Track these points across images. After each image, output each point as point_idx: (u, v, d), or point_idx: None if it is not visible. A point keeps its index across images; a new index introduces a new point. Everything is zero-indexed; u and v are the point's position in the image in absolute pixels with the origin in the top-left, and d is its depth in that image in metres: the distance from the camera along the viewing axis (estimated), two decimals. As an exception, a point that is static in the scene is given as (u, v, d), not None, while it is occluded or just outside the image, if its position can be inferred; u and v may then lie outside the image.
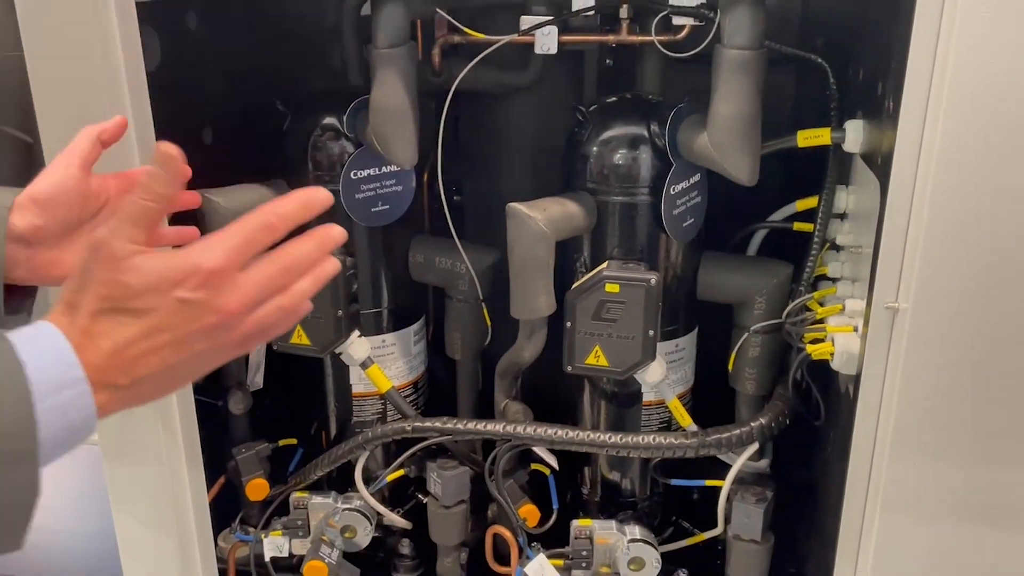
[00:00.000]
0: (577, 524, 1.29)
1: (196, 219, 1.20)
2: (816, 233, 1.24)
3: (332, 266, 0.67)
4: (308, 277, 0.66)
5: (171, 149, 0.62)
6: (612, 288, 1.15)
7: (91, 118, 0.98)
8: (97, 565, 1.78)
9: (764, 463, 1.32)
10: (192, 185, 1.19)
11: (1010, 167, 0.90)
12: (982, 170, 0.91)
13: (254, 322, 0.63)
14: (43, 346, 0.57)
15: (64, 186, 0.86)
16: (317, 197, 0.65)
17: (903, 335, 0.99)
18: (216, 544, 1.35)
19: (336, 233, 0.67)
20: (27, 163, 1.47)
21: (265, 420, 1.44)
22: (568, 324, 1.18)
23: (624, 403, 1.33)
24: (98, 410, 0.59)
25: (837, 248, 1.26)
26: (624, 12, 1.24)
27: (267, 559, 1.36)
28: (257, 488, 1.36)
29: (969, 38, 0.87)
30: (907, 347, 0.99)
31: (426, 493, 1.38)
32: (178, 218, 1.11)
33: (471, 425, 1.26)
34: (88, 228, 0.90)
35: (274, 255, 0.64)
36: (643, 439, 1.22)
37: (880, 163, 1.03)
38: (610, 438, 1.22)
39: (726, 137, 1.08)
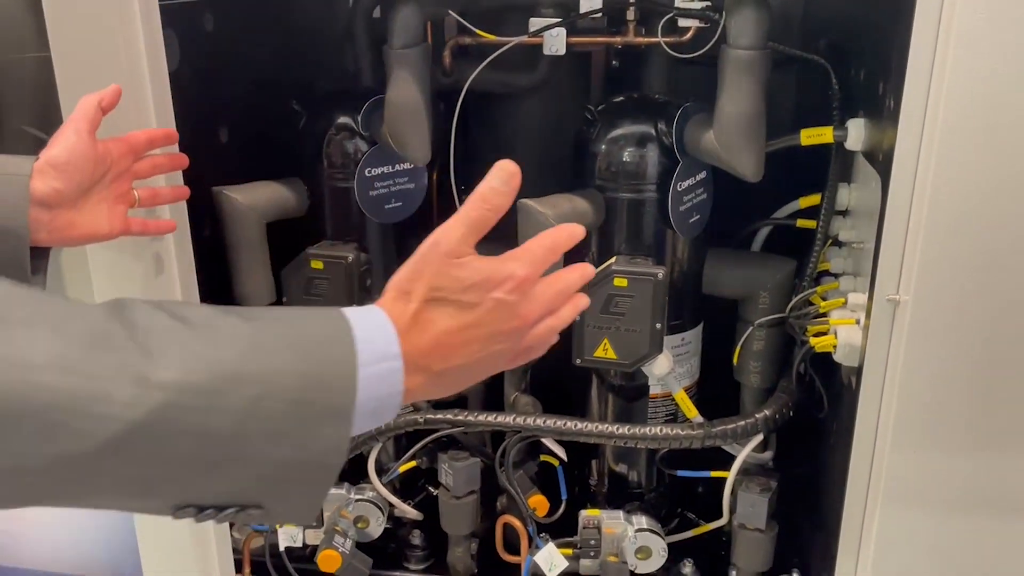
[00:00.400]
0: (585, 514, 1.32)
1: (214, 214, 1.24)
2: (819, 229, 1.27)
3: (584, 300, 0.75)
4: (569, 305, 0.73)
5: (512, 167, 0.68)
6: (620, 282, 1.18)
7: (116, 116, 1.01)
8: (116, 558, 1.82)
9: (768, 455, 1.35)
10: (209, 182, 1.23)
11: (1008, 164, 0.93)
12: (981, 167, 0.94)
13: (534, 336, 0.70)
14: (371, 322, 0.62)
15: (77, 151, 0.91)
16: (575, 232, 0.73)
17: (904, 327, 1.01)
18: (231, 535, 1.38)
19: (590, 272, 0.75)
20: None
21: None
22: (577, 318, 1.20)
23: (631, 396, 1.36)
24: (406, 392, 0.63)
25: (839, 244, 1.29)
26: (631, 14, 1.27)
27: (281, 549, 1.39)
28: (271, 480, 1.39)
29: (967, 38, 0.90)
30: (908, 339, 1.02)
31: (436, 485, 1.41)
32: (195, 216, 1.15)
33: (482, 417, 1.29)
34: (98, 190, 0.95)
35: (551, 279, 0.70)
36: (650, 430, 1.25)
37: (881, 160, 1.06)
38: (618, 429, 1.25)
39: (732, 135, 1.11)
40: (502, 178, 0.67)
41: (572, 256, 1.23)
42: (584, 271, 0.74)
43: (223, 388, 0.54)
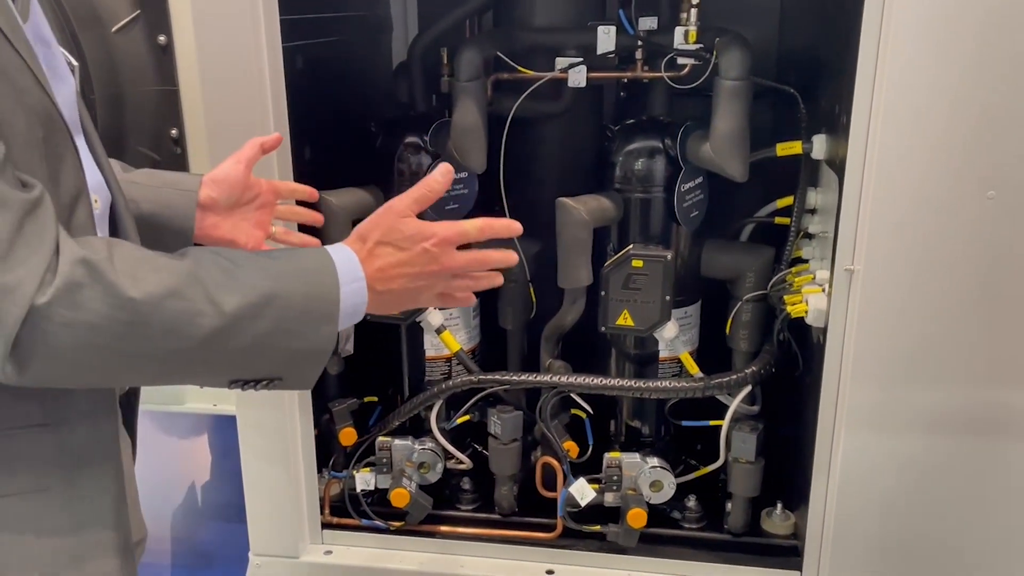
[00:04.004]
0: (609, 456, 1.62)
1: (318, 209, 1.53)
2: (792, 224, 1.59)
3: (499, 279, 1.01)
4: (486, 278, 0.99)
5: (449, 167, 0.96)
6: (637, 263, 1.49)
7: (253, 132, 1.32)
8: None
9: (755, 408, 1.65)
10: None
11: (929, 165, 1.26)
12: (910, 167, 1.26)
13: (451, 287, 0.96)
14: (343, 255, 0.90)
15: (232, 174, 1.18)
16: (511, 226, 0.99)
17: (858, 290, 1.33)
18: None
19: (513, 258, 0.98)
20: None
21: (353, 380, 1.76)
22: (603, 293, 1.52)
23: (644, 361, 1.67)
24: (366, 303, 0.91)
25: (809, 236, 1.62)
26: (639, 54, 1.58)
27: (359, 490, 1.67)
28: (347, 435, 1.69)
29: (898, 72, 1.23)
30: (861, 299, 1.34)
31: (483, 443, 1.70)
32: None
33: (524, 377, 1.59)
34: (241, 211, 1.20)
35: (478, 251, 0.97)
36: (661, 383, 1.56)
37: (838, 165, 1.39)
38: (635, 383, 1.56)
39: (724, 146, 1.43)
40: (442, 171, 0.95)
41: (596, 244, 1.55)
42: (507, 255, 0.97)
43: (261, 304, 0.81)
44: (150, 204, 1.05)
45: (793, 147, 1.55)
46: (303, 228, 1.37)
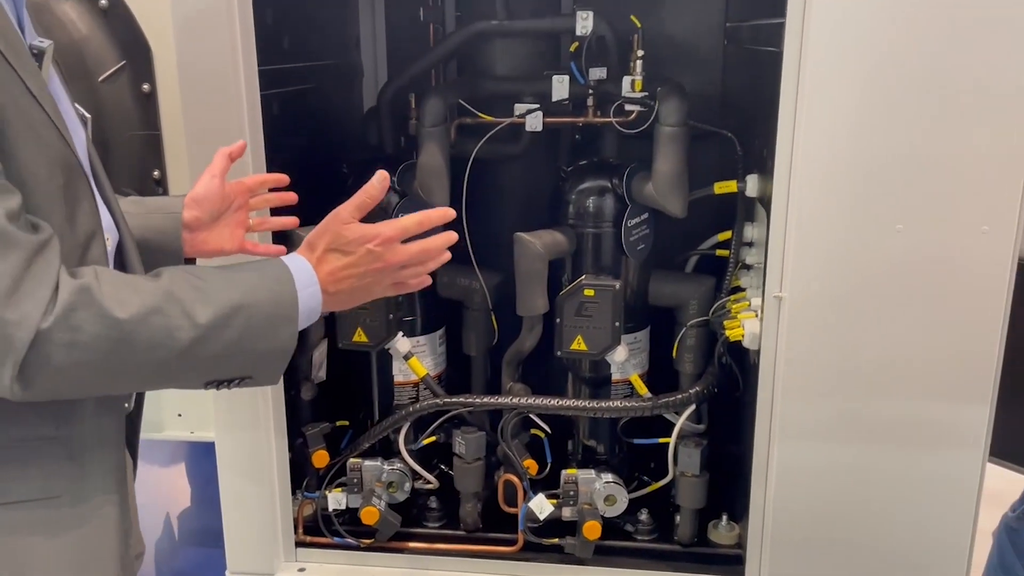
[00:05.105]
0: (566, 473, 1.73)
1: (287, 244, 1.64)
2: (731, 256, 1.74)
3: (447, 256, 1.11)
4: (433, 261, 1.10)
5: (385, 175, 1.07)
6: (589, 292, 1.63)
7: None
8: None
9: (702, 426, 1.78)
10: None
11: (844, 202, 1.41)
12: (827, 204, 1.41)
13: (402, 275, 1.08)
14: (298, 264, 1.02)
15: (211, 189, 1.28)
16: (446, 214, 1.11)
17: (786, 315, 1.47)
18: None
19: (452, 238, 1.09)
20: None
21: (326, 406, 1.87)
22: (558, 320, 1.65)
23: (598, 383, 1.79)
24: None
25: (747, 267, 1.76)
26: (590, 101, 1.73)
27: (331, 510, 1.77)
28: (320, 457, 1.78)
29: (814, 119, 1.38)
30: (788, 323, 1.48)
31: (449, 464, 1.81)
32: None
33: (487, 399, 1.71)
34: (223, 219, 1.30)
35: (420, 242, 1.08)
36: (613, 403, 1.69)
37: (767, 203, 1.53)
38: (590, 403, 1.68)
39: (664, 185, 1.58)
40: (378, 178, 1.07)
41: (552, 275, 1.68)
42: (446, 237, 1.09)
43: (230, 314, 0.92)
44: (141, 230, 1.15)
45: (729, 186, 1.70)
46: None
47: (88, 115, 1.00)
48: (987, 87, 1.34)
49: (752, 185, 1.66)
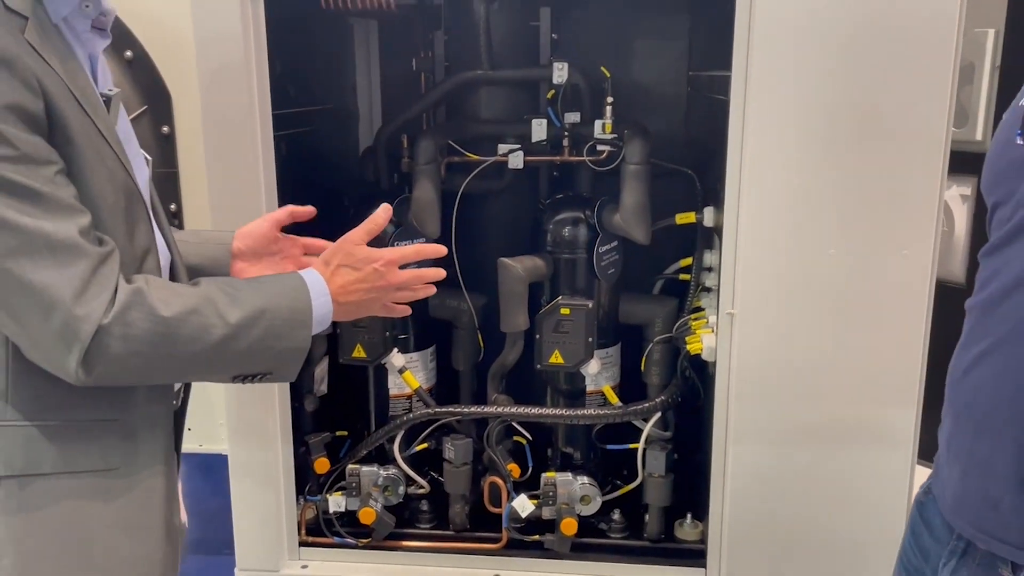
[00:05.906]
0: (546, 476, 1.92)
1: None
2: (692, 279, 1.94)
3: (432, 290, 1.32)
4: (423, 289, 1.30)
5: (387, 208, 1.28)
6: (565, 311, 1.83)
7: (249, 206, 1.63)
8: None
9: (668, 433, 1.97)
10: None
11: (784, 229, 1.62)
12: (770, 231, 1.62)
13: (396, 297, 1.28)
14: (313, 277, 1.20)
15: (258, 230, 1.45)
16: (439, 250, 1.31)
17: (737, 329, 1.67)
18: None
19: (441, 274, 1.31)
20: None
21: (327, 417, 2.04)
22: (537, 336, 1.85)
23: (573, 394, 1.98)
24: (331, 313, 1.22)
25: (707, 289, 1.96)
26: (566, 142, 1.94)
27: (331, 512, 1.94)
28: (322, 464, 1.96)
29: (755, 163, 1.60)
30: (739, 337, 1.68)
31: (439, 470, 1.99)
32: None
33: (474, 409, 1.90)
34: (268, 260, 1.46)
35: (417, 269, 1.29)
36: (587, 411, 1.88)
37: (721, 232, 1.74)
38: (567, 412, 1.87)
39: (629, 217, 1.79)
40: (383, 209, 1.27)
41: (532, 296, 1.88)
42: (437, 271, 1.29)
43: (256, 316, 1.09)
44: (197, 257, 1.35)
45: (689, 217, 1.91)
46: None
47: (150, 157, 1.20)
48: (904, 130, 1.56)
49: (709, 216, 1.87)
